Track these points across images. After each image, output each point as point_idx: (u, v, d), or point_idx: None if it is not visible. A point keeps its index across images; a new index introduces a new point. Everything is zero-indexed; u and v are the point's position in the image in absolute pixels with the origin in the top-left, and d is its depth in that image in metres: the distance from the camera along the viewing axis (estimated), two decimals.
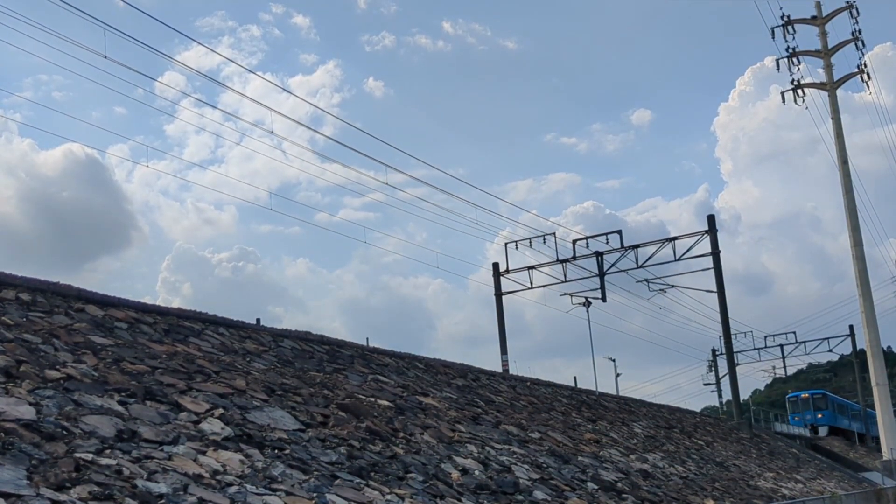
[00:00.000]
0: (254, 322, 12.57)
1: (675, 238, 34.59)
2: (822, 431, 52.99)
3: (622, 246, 34.83)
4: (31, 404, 5.80)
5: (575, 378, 26.15)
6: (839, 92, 39.00)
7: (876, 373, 36.52)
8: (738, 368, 40.84)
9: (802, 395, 56.40)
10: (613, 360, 53.32)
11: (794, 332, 65.68)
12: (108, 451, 5.54)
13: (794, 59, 39.01)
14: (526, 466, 10.55)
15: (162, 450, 6.00)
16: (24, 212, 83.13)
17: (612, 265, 35.57)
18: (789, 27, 38.88)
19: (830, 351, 68.63)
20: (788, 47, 39.05)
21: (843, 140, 38.21)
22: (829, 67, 38.95)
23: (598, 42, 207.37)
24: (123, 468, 5.34)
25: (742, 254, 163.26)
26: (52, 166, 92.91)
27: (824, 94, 39.02)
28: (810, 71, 62.06)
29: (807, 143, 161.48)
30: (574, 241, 36.25)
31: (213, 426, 6.98)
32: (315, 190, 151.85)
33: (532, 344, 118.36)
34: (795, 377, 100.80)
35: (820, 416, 54.01)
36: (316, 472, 6.88)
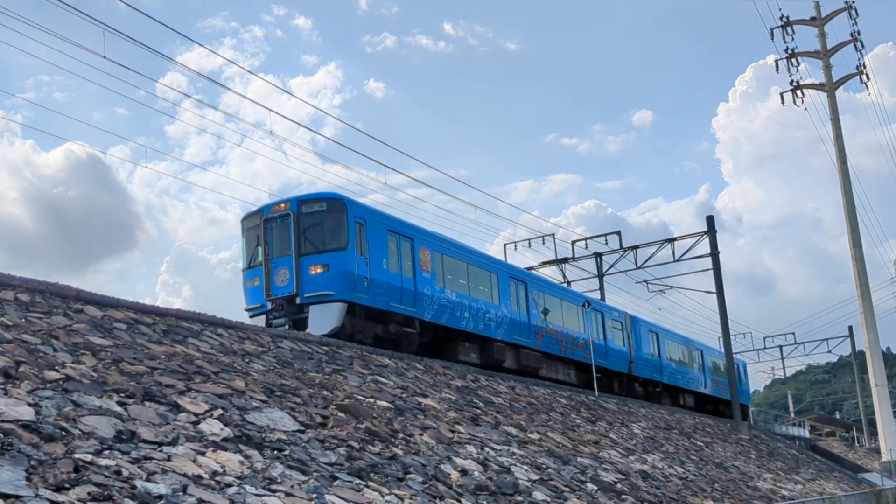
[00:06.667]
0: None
1: (674, 239, 34.55)
2: (323, 324, 15.05)
3: (621, 247, 34.82)
4: (30, 405, 5.80)
5: None
6: (840, 93, 39.13)
7: (875, 374, 36.54)
8: None
9: (275, 208, 16.60)
10: None
11: (794, 333, 65.71)
12: (107, 452, 5.54)
13: (794, 60, 39.04)
14: (525, 467, 10.55)
15: (161, 450, 6.00)
16: (30, 213, 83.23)
17: (612, 266, 35.59)
18: (788, 28, 38.91)
19: (829, 352, 69.09)
20: (788, 48, 39.09)
21: (842, 141, 38.24)
22: (828, 68, 38.98)
23: (598, 43, 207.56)
24: (122, 469, 5.33)
25: (744, 255, 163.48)
26: (56, 167, 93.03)
27: (825, 94, 39.05)
28: (810, 72, 62.09)
29: (808, 143, 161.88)
30: (573, 242, 36.28)
31: (212, 427, 6.98)
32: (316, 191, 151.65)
33: None
34: (794, 378, 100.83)
35: (321, 269, 15.63)
36: (315, 473, 6.87)
